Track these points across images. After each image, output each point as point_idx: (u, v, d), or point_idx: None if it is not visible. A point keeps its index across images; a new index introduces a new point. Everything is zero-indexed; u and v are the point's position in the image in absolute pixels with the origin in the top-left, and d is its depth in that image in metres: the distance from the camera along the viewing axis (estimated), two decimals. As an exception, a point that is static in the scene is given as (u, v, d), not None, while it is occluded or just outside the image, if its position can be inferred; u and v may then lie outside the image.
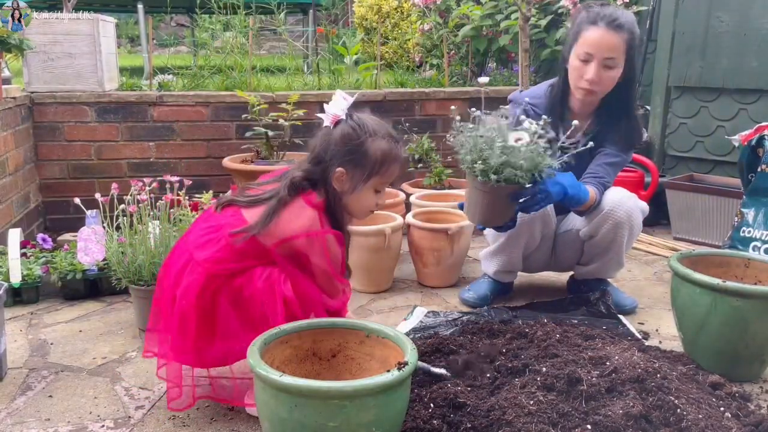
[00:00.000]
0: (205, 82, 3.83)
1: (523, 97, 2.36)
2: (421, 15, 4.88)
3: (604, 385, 1.61)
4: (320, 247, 1.64)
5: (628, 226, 2.28)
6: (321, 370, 1.61)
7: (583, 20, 2.21)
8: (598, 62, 2.17)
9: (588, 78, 2.18)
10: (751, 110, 3.37)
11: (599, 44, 2.16)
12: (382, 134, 1.69)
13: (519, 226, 2.28)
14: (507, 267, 2.47)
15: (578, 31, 2.21)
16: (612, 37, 2.15)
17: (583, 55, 2.18)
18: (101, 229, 2.45)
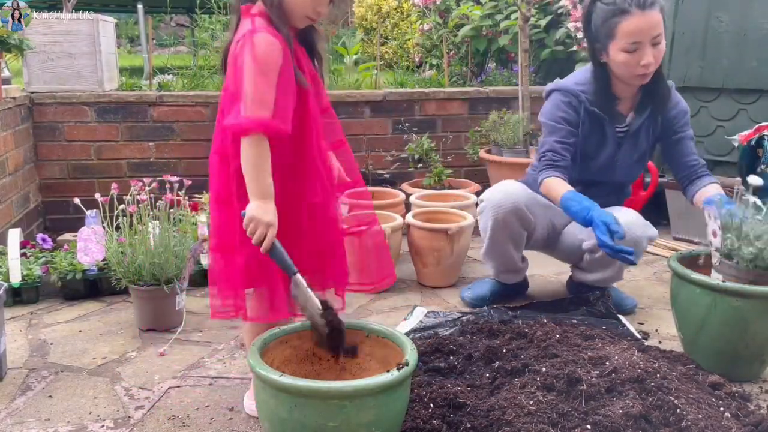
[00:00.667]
0: (205, 82, 3.83)
1: (571, 87, 2.27)
2: (421, 15, 4.89)
3: (603, 385, 1.61)
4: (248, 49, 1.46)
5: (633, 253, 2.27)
6: (321, 370, 1.61)
7: (611, 13, 2.08)
8: (649, 45, 2.07)
9: (646, 63, 2.08)
10: (750, 110, 3.37)
11: (643, 30, 2.05)
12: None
13: (496, 224, 2.31)
14: (503, 267, 2.47)
15: (611, 26, 2.09)
16: (651, 16, 2.05)
17: (630, 47, 2.07)
18: (101, 229, 2.45)
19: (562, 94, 2.28)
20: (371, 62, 4.98)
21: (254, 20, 1.51)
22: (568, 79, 2.33)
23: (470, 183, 3.51)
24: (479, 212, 2.41)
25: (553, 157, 2.25)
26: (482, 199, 2.40)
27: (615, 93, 2.25)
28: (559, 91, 2.30)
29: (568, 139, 2.25)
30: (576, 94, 2.25)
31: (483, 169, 3.65)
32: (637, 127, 2.29)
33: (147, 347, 2.16)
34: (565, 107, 2.26)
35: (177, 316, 2.28)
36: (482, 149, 3.58)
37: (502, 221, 2.31)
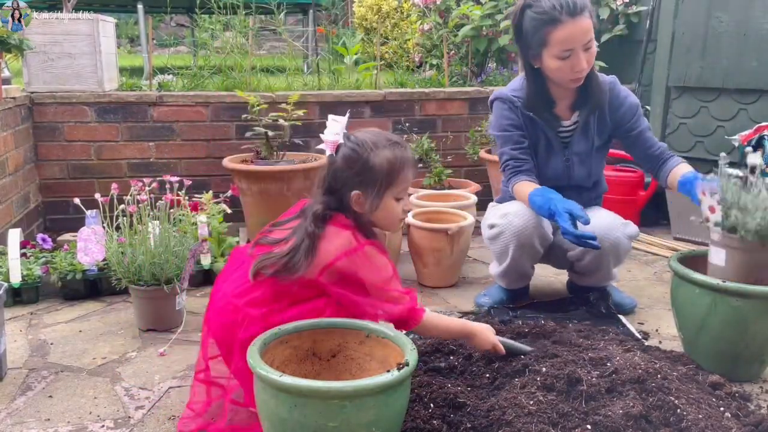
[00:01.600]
0: (205, 82, 3.83)
1: (506, 94, 2.32)
2: (421, 15, 4.88)
3: (604, 385, 1.61)
4: (363, 261, 1.60)
5: (614, 255, 2.28)
6: (321, 371, 1.61)
7: (542, 22, 2.09)
8: (581, 50, 2.10)
9: (579, 69, 2.12)
10: (751, 110, 3.37)
11: (575, 37, 2.07)
12: (382, 144, 1.65)
13: (519, 248, 2.28)
14: (519, 278, 2.45)
15: (543, 35, 2.10)
16: (581, 22, 2.06)
17: (563, 53, 2.10)
18: (101, 229, 2.45)
19: (501, 102, 2.33)
20: (371, 62, 4.98)
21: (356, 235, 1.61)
22: (507, 86, 2.38)
23: (470, 183, 3.51)
24: (494, 237, 2.33)
25: (515, 164, 2.31)
26: (494, 224, 2.32)
27: (551, 96, 2.28)
28: (498, 99, 2.35)
29: (522, 144, 2.31)
30: (511, 100, 2.29)
31: (483, 169, 3.65)
32: (583, 126, 2.31)
33: (147, 347, 2.16)
34: (508, 113, 2.31)
35: (177, 316, 2.28)
36: (482, 149, 3.58)
37: (527, 245, 2.28)
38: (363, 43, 6.19)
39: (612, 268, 2.34)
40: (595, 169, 2.41)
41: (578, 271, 2.40)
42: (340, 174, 1.65)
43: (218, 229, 2.77)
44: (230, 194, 2.74)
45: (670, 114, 3.79)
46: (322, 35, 6.08)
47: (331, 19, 7.90)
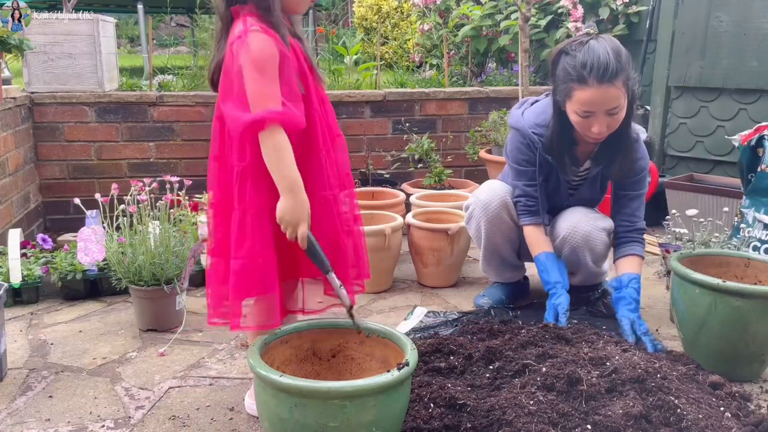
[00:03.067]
0: (205, 82, 3.82)
1: (527, 131, 2.24)
2: (421, 15, 4.88)
3: (604, 385, 1.61)
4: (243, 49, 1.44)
5: (588, 249, 2.27)
6: (321, 370, 1.62)
7: (570, 78, 2.00)
8: (601, 115, 2.01)
9: (596, 131, 2.03)
10: (751, 110, 3.37)
11: (597, 102, 1.98)
12: None
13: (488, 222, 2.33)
14: (503, 267, 2.48)
15: (568, 88, 2.02)
16: (608, 90, 1.96)
17: (583, 113, 2.02)
18: (101, 230, 2.45)
19: (521, 136, 2.27)
20: (371, 62, 4.98)
21: (245, 20, 1.49)
22: (529, 116, 2.28)
23: (470, 183, 3.51)
24: (467, 219, 2.42)
25: (528, 203, 2.31)
26: (467, 205, 2.42)
27: (575, 137, 2.20)
28: (518, 131, 2.28)
29: (535, 182, 2.29)
30: (531, 138, 2.23)
31: (483, 169, 3.65)
32: (594, 175, 2.30)
33: (147, 347, 2.16)
34: (525, 149, 2.27)
35: (177, 316, 2.28)
36: (482, 149, 3.58)
37: (495, 217, 2.33)
38: (363, 43, 6.19)
39: (591, 263, 2.32)
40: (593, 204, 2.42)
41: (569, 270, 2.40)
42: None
43: (218, 229, 2.76)
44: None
45: (670, 114, 3.79)
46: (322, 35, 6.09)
47: (331, 18, 7.91)
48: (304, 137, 1.56)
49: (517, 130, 2.28)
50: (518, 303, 2.48)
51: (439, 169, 3.44)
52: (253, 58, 1.44)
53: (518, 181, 2.32)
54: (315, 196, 1.58)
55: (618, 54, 1.97)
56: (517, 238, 2.42)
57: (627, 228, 2.29)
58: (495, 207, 2.32)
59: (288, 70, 1.50)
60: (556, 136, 2.18)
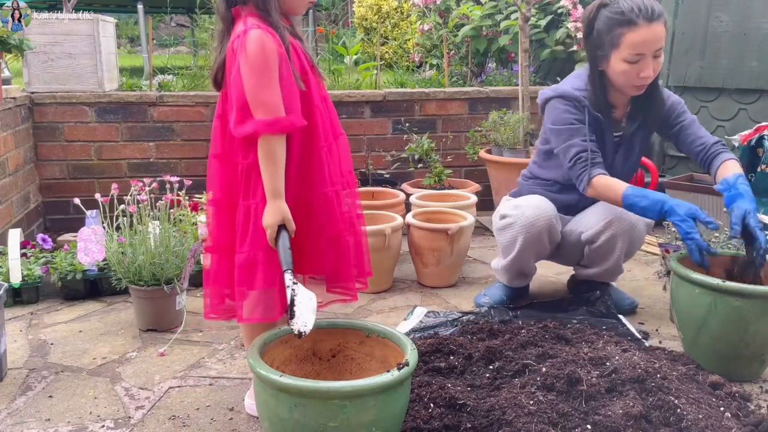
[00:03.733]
0: (205, 82, 3.83)
1: (571, 92, 2.23)
2: (421, 15, 4.88)
3: (604, 385, 1.61)
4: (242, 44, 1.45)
5: (628, 238, 2.26)
6: (321, 370, 1.62)
7: (616, 23, 2.06)
8: (650, 57, 2.07)
9: (646, 75, 2.08)
10: (750, 110, 3.37)
11: (648, 42, 2.04)
12: None
13: (527, 241, 2.27)
14: (520, 275, 2.45)
15: (616, 36, 2.07)
16: (656, 29, 2.04)
17: (633, 57, 2.06)
18: (101, 230, 2.45)
19: (564, 100, 2.24)
20: (371, 62, 4.98)
21: (246, 20, 1.50)
22: (565, 83, 2.30)
23: (470, 183, 3.51)
24: (503, 227, 2.34)
25: (591, 156, 2.18)
26: (506, 215, 2.32)
27: (611, 101, 2.24)
28: (559, 97, 2.26)
29: (592, 137, 2.22)
30: (578, 98, 2.22)
31: (483, 169, 3.65)
32: (630, 134, 2.30)
33: (147, 347, 2.16)
34: (573, 110, 2.23)
35: (177, 316, 2.28)
36: (482, 149, 3.58)
37: (535, 239, 2.27)
38: (363, 43, 6.19)
39: (622, 256, 2.31)
40: (627, 177, 2.37)
41: (586, 261, 2.39)
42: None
43: (218, 229, 2.76)
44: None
45: (670, 114, 3.79)
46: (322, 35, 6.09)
47: (331, 18, 7.90)
48: (306, 134, 1.57)
49: (559, 97, 2.25)
50: (518, 303, 2.47)
51: (439, 169, 3.44)
52: (252, 58, 1.45)
53: (573, 139, 2.21)
54: (316, 193, 1.59)
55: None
56: (545, 255, 2.39)
57: (705, 147, 2.22)
58: (539, 228, 2.25)
59: (287, 68, 1.50)
60: (597, 96, 2.21)
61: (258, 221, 1.53)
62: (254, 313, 1.59)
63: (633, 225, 2.24)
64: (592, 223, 2.28)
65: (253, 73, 1.45)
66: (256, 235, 1.53)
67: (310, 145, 1.58)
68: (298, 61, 1.56)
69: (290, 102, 1.50)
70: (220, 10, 1.57)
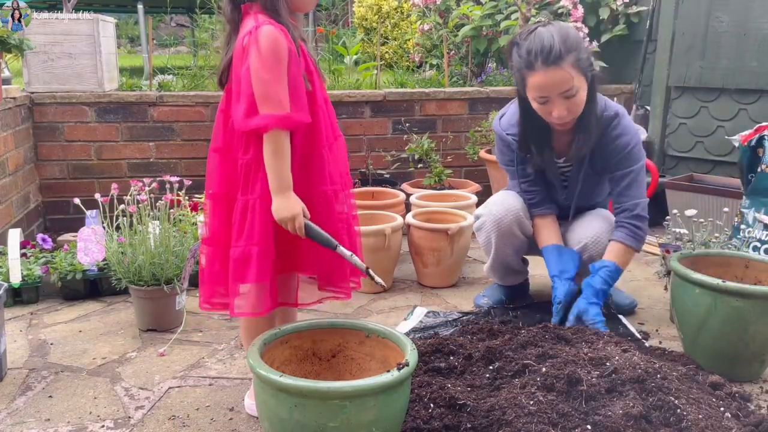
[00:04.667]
0: (205, 82, 3.83)
1: (502, 133, 2.31)
2: (421, 15, 4.88)
3: (604, 385, 1.61)
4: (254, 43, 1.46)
5: None
6: (321, 371, 1.62)
7: (521, 64, 2.03)
8: (558, 99, 2.02)
9: (557, 115, 2.04)
10: (751, 110, 3.37)
11: (548, 86, 2.00)
12: None
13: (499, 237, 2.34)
14: (507, 273, 2.47)
15: (522, 76, 2.05)
16: (555, 73, 1.97)
17: (539, 99, 2.05)
18: (101, 230, 2.45)
19: (499, 139, 2.35)
20: (371, 62, 4.98)
21: (256, 17, 1.51)
22: (506, 118, 2.33)
23: (470, 183, 3.51)
24: (478, 228, 2.41)
25: (528, 197, 2.35)
26: (479, 215, 2.41)
27: (549, 129, 2.19)
28: (497, 135, 2.37)
29: (528, 176, 2.33)
30: (506, 140, 2.30)
31: (483, 169, 3.65)
32: (579, 163, 2.25)
33: (147, 347, 2.16)
34: (506, 150, 2.34)
35: (177, 316, 2.28)
36: (482, 149, 3.58)
37: (507, 233, 2.33)
38: (363, 43, 6.19)
39: None
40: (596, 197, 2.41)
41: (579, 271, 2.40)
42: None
43: (218, 229, 2.76)
44: (230, 194, 2.73)
45: (670, 114, 3.79)
46: (322, 35, 6.09)
47: (331, 18, 7.90)
48: (308, 133, 1.58)
49: (497, 134, 2.36)
50: (518, 303, 2.48)
51: (439, 169, 3.44)
52: (264, 53, 1.45)
53: (513, 182, 2.39)
54: (316, 190, 1.61)
55: (564, 37, 1.98)
56: (523, 249, 2.43)
57: (617, 210, 2.24)
58: (507, 222, 2.32)
59: (296, 66, 1.51)
60: (527, 129, 2.21)
61: (255, 217, 1.54)
62: (245, 306, 1.60)
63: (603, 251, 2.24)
64: (573, 242, 2.32)
65: (263, 68, 1.45)
66: (251, 231, 1.55)
67: (312, 143, 1.59)
68: (304, 60, 1.57)
69: (297, 99, 1.51)
70: (226, 12, 1.57)
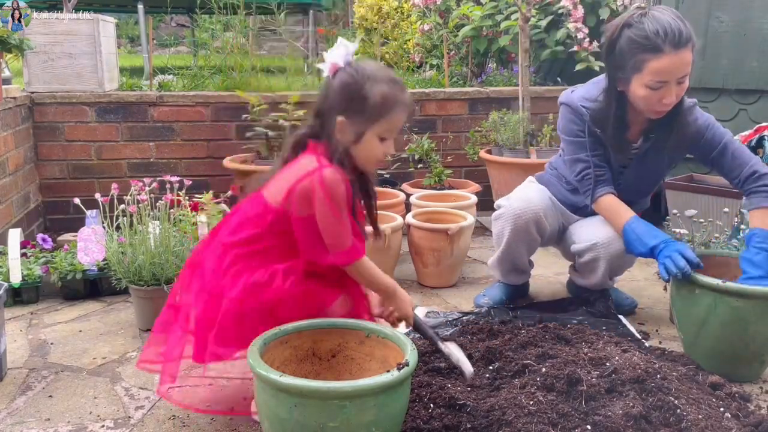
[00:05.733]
0: (205, 82, 3.83)
1: (575, 102, 2.18)
2: (421, 15, 4.88)
3: (603, 385, 1.61)
4: (320, 185, 1.55)
5: (611, 263, 2.24)
6: (321, 371, 1.61)
7: (640, 48, 1.92)
8: (674, 83, 1.94)
9: (668, 102, 1.96)
10: (751, 111, 3.37)
11: (673, 70, 1.91)
12: (382, 78, 1.61)
13: (513, 232, 2.30)
14: (512, 270, 2.46)
15: (639, 61, 1.93)
16: (683, 56, 1.90)
17: (656, 84, 1.93)
18: (101, 229, 2.45)
19: (570, 110, 2.22)
20: (371, 62, 4.97)
21: (320, 159, 1.61)
22: (579, 91, 2.23)
23: (470, 183, 3.51)
24: (495, 218, 2.38)
25: (597, 173, 2.18)
26: (500, 205, 2.36)
27: (627, 120, 2.13)
28: (566, 105, 2.23)
29: (598, 151, 2.19)
30: (579, 111, 2.17)
31: (483, 169, 3.65)
32: (644, 152, 2.21)
33: (147, 347, 2.16)
34: (578, 120, 2.20)
35: (177, 316, 2.28)
36: (482, 149, 3.58)
37: (522, 230, 2.29)
38: (363, 44, 6.19)
39: (606, 275, 2.31)
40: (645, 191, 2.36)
41: (578, 268, 2.40)
42: (331, 97, 1.63)
43: (218, 229, 2.76)
44: (230, 194, 2.74)
45: (670, 114, 3.78)
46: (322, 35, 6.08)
47: (331, 19, 7.90)
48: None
49: (567, 105, 2.23)
50: (518, 303, 2.48)
51: (439, 169, 3.44)
52: (331, 196, 1.56)
53: (580, 153, 2.20)
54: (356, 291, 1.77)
55: (683, 19, 1.92)
56: (535, 248, 2.41)
57: (737, 184, 2.11)
58: (525, 220, 2.27)
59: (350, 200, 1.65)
60: (607, 117, 2.10)
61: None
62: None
63: (621, 252, 2.19)
64: (582, 238, 2.29)
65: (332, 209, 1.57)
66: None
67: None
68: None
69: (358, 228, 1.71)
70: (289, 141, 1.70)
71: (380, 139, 1.65)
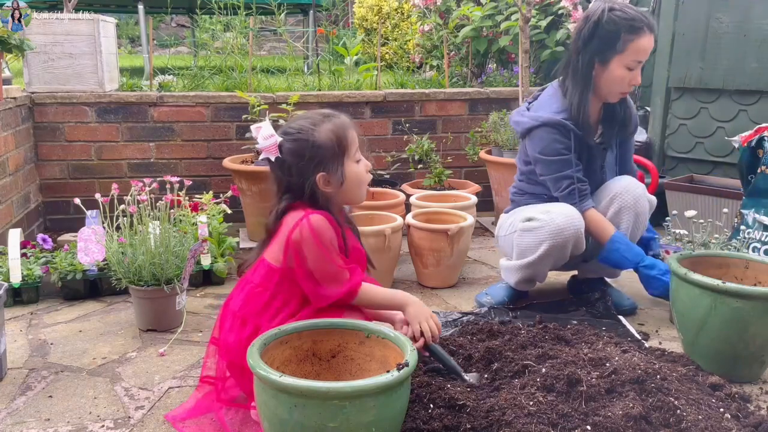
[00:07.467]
0: (206, 82, 3.84)
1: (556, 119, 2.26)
2: (422, 16, 4.89)
3: (603, 385, 1.61)
4: (308, 234, 1.62)
5: (634, 212, 2.28)
6: (321, 371, 1.61)
7: (625, 28, 2.16)
8: (639, 66, 2.21)
9: (636, 83, 2.22)
10: (751, 111, 3.37)
11: (647, 51, 2.19)
12: (318, 121, 1.70)
13: (552, 247, 2.25)
14: (530, 280, 2.43)
15: (624, 41, 2.17)
16: (652, 40, 2.20)
17: (634, 64, 2.19)
18: (101, 230, 2.45)
19: (551, 129, 2.27)
20: (372, 63, 4.98)
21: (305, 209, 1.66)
22: (542, 109, 2.33)
23: (470, 184, 3.51)
24: (529, 229, 2.30)
25: (582, 188, 2.30)
26: (533, 218, 2.29)
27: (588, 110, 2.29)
28: (544, 125, 2.28)
29: (579, 165, 2.31)
30: (564, 125, 2.26)
31: (483, 169, 3.65)
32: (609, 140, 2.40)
33: (147, 347, 2.16)
34: (560, 138, 2.27)
35: (177, 316, 2.28)
36: (482, 150, 3.58)
37: (560, 246, 2.26)
38: (363, 44, 6.19)
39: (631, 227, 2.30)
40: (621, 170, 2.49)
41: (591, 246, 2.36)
42: (294, 168, 1.68)
43: (218, 230, 2.77)
44: (230, 194, 2.74)
45: (670, 115, 3.79)
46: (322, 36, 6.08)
47: (331, 19, 7.91)
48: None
49: (546, 125, 2.28)
50: (518, 304, 2.47)
51: (439, 170, 3.44)
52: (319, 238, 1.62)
53: (565, 171, 2.28)
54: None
55: None
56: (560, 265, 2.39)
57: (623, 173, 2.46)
58: (567, 236, 2.24)
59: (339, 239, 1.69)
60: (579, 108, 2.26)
61: None
62: None
63: (638, 198, 2.30)
64: (603, 196, 2.35)
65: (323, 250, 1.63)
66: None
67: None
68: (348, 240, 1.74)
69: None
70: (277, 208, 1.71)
71: (355, 161, 1.73)
